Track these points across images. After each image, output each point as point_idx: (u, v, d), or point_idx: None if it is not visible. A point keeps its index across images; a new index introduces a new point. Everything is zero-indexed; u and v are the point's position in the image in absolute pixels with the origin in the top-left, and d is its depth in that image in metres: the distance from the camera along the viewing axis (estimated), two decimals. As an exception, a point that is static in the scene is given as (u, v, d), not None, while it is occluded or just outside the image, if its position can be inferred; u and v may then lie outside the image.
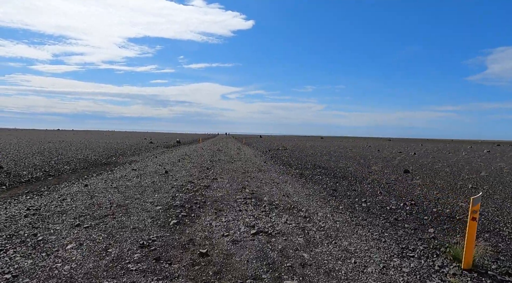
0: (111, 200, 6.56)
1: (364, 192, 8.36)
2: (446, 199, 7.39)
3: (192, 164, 14.25)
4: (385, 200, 7.31)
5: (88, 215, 5.34)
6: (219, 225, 5.03)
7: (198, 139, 56.40)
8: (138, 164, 14.20)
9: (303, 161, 17.03)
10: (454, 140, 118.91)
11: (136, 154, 20.04)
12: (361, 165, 15.26)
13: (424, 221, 5.56)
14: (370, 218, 5.62)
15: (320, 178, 10.81)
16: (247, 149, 27.72)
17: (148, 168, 12.42)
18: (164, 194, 7.23)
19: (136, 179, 9.52)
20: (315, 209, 6.18)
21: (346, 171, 12.98)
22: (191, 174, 10.79)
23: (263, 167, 13.65)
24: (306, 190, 8.42)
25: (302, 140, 62.46)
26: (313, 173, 12.31)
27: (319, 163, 15.96)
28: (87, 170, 12.01)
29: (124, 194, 7.23)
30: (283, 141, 55.08)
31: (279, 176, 11.05)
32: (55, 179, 9.71)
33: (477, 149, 35.46)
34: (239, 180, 9.82)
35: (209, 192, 7.62)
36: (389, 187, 9.11)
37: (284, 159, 18.54)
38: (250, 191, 7.88)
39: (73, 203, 6.23)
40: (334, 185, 9.49)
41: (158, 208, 5.92)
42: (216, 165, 13.87)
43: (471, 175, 11.74)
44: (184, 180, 9.40)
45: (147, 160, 16.28)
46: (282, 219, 5.44)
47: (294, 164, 15.75)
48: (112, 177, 9.98)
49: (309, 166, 14.63)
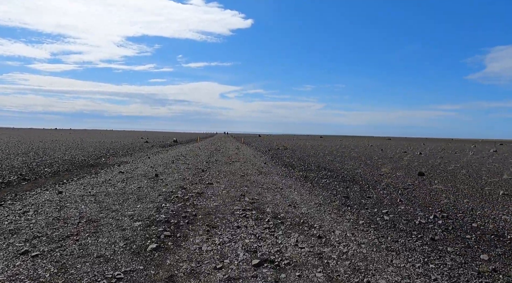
0: (83, 212, 5.43)
1: (381, 199, 7.27)
2: (481, 209, 6.29)
3: (187, 165, 13.13)
4: (409, 210, 6.22)
5: (44, 236, 4.21)
6: (211, 250, 3.92)
7: (196, 138, 55.20)
8: (128, 165, 13.06)
9: (306, 162, 15.94)
10: (455, 139, 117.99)
11: (128, 155, 18.89)
12: (369, 167, 14.17)
13: (469, 241, 4.46)
14: (402, 239, 4.50)
15: (328, 182, 9.71)
16: (246, 149, 26.59)
17: (137, 171, 11.29)
18: (148, 205, 6.11)
19: (120, 184, 8.39)
20: (330, 225, 5.07)
21: (354, 173, 11.89)
22: (184, 178, 9.67)
23: (263, 169, 12.55)
24: (315, 197, 7.31)
25: (302, 139, 61.36)
26: (319, 176, 11.21)
27: (324, 164, 14.87)
28: (69, 173, 10.87)
29: (101, 204, 6.10)
30: (283, 140, 53.97)
31: (281, 180, 9.95)
32: (29, 184, 8.57)
33: (482, 149, 34.44)
34: (238, 185, 8.71)
35: (202, 202, 6.49)
36: (408, 193, 8.01)
37: (286, 159, 17.44)
38: (250, 200, 6.76)
39: (34, 217, 5.09)
40: (345, 190, 8.40)
41: (136, 225, 4.78)
42: (213, 167, 12.75)
43: (493, 178, 10.66)
44: (175, 186, 8.28)
45: (138, 161, 15.14)
46: (291, 239, 4.33)
47: (296, 165, 14.65)
48: (94, 181, 8.85)
49: (313, 168, 13.54)
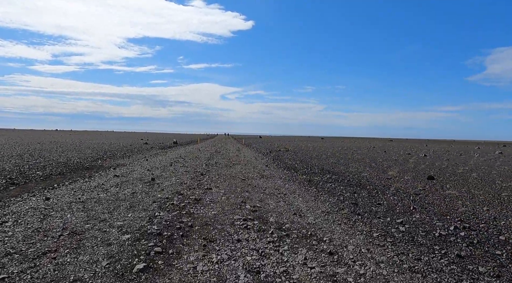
0: (67, 223, 4.92)
1: (393, 207, 6.75)
2: (505, 219, 5.75)
3: (185, 168, 12.62)
4: (425, 220, 5.70)
5: (18, 253, 3.69)
6: (208, 270, 3.40)
7: (196, 139, 54.70)
8: (124, 168, 12.56)
9: (309, 165, 15.42)
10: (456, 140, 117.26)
11: (126, 157, 18.39)
12: (374, 170, 13.64)
13: (500, 259, 3.94)
14: (424, 255, 3.97)
15: (333, 187, 9.20)
16: (247, 151, 26.09)
17: (133, 174, 10.79)
18: (140, 213, 5.60)
19: (113, 190, 7.88)
20: (341, 238, 4.55)
21: (360, 177, 11.37)
22: (182, 182, 9.16)
23: (265, 172, 12.04)
24: (321, 204, 6.79)
25: (303, 141, 60.84)
26: (323, 179, 10.69)
27: (327, 167, 14.35)
28: (62, 176, 10.37)
29: (89, 212, 5.59)
30: (284, 141, 53.45)
31: (284, 184, 9.43)
32: (17, 189, 8.07)
33: (487, 151, 33.87)
34: (238, 190, 8.19)
35: (199, 210, 5.98)
36: (421, 199, 7.49)
37: (288, 162, 16.93)
38: (252, 207, 6.25)
39: (11, 229, 4.58)
40: (353, 196, 7.88)
41: (124, 239, 4.27)
42: (212, 170, 12.24)
43: (508, 183, 10.13)
44: (172, 191, 7.77)
45: (136, 163, 14.64)
46: (298, 256, 3.82)
47: (299, 168, 14.13)
48: (87, 186, 8.35)
49: (317, 171, 13.02)
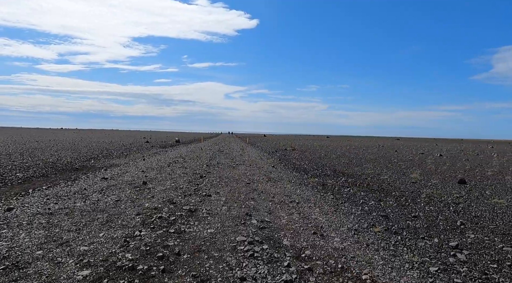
0: (13, 248, 3.70)
1: (433, 220, 5.45)
2: None
3: (184, 169, 11.41)
4: (485, 242, 4.40)
5: None
6: None
7: (199, 138, 53.58)
8: (117, 169, 11.37)
9: (319, 165, 14.13)
10: (464, 139, 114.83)
11: (123, 156, 17.24)
12: (392, 171, 12.31)
13: None
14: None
15: (352, 193, 7.91)
16: (251, 150, 24.84)
17: (124, 177, 9.59)
18: (116, 232, 4.36)
19: (95, 196, 6.68)
20: (386, 275, 3.27)
21: (379, 180, 10.06)
22: (177, 187, 7.93)
23: (272, 174, 10.77)
24: (344, 217, 5.52)
25: (308, 140, 59.42)
26: (338, 183, 9.41)
27: (340, 168, 13.04)
28: (45, 178, 9.21)
29: (51, 230, 4.37)
30: (289, 140, 52.11)
31: (295, 189, 8.17)
32: (-16, 194, 6.91)
33: (503, 150, 32.23)
34: (242, 197, 6.94)
35: (192, 226, 4.72)
36: (465, 211, 6.17)
37: (296, 162, 15.65)
38: (259, 222, 4.99)
39: None
40: (379, 205, 6.59)
41: (80, 278, 3.04)
42: (214, 172, 11.01)
43: (553, 188, 8.76)
44: (163, 199, 6.54)
45: (131, 163, 13.46)
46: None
47: (309, 169, 12.85)
48: (65, 191, 7.15)
49: (329, 173, 11.72)
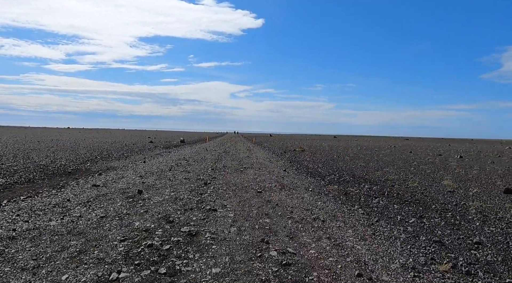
0: None
1: (505, 249, 4.22)
2: None
3: (187, 174, 10.28)
4: None
5: None
6: None
7: (204, 138, 52.57)
8: (113, 174, 10.29)
9: (335, 169, 12.89)
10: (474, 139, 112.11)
11: (123, 157, 16.20)
12: (420, 177, 11.00)
13: None
14: None
15: (383, 205, 6.68)
16: (258, 151, 23.66)
17: (119, 183, 8.48)
18: (86, 272, 3.19)
19: (77, 211, 5.56)
20: None
21: (409, 188, 8.80)
22: (177, 198, 6.79)
23: (285, 180, 9.58)
24: (390, 245, 4.29)
25: (315, 140, 58.01)
26: (362, 191, 8.18)
27: (359, 173, 11.78)
28: (30, 184, 8.14)
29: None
30: (296, 140, 50.80)
31: (315, 201, 6.96)
32: (-51, 207, 5.84)
33: (524, 151, 30.55)
34: (254, 212, 5.76)
35: (191, 262, 3.53)
36: (536, 233, 4.92)
37: (308, 165, 14.43)
38: (280, 256, 3.79)
39: None
40: (422, 223, 5.37)
41: None
42: (219, 177, 9.85)
43: None
44: (158, 215, 5.40)
45: (130, 166, 12.38)
46: None
47: (324, 173, 11.63)
48: (44, 204, 6.04)
49: (348, 178, 10.49)
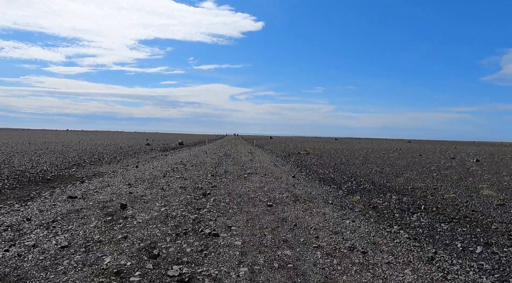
0: None
1: None
2: None
3: (183, 182, 8.91)
4: None
5: None
6: None
7: (204, 140, 51.17)
8: (97, 181, 8.91)
9: (348, 174, 11.52)
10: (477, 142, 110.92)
11: (115, 161, 14.83)
12: (447, 184, 9.65)
13: None
14: None
15: (428, 225, 5.33)
16: (261, 154, 22.29)
17: (101, 194, 7.11)
18: None
19: (33, 237, 4.19)
20: None
21: (446, 199, 7.44)
22: (168, 214, 5.42)
23: (297, 189, 8.22)
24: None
25: (317, 142, 56.63)
26: (392, 204, 6.83)
27: (378, 179, 10.42)
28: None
29: None
30: (297, 142, 49.44)
31: (342, 218, 5.60)
32: None
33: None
34: (268, 239, 4.38)
35: None
36: None
37: (318, 170, 13.06)
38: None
39: None
40: (492, 253, 4.02)
41: None
42: (221, 185, 8.49)
43: None
44: (140, 243, 4.02)
45: (120, 172, 11.01)
46: None
47: (339, 180, 10.27)
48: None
49: (368, 186, 9.13)
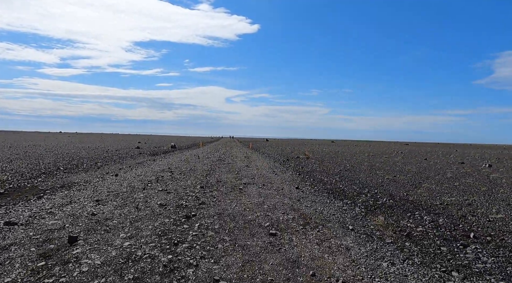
0: None
1: None
2: None
3: (166, 196, 7.31)
4: None
5: None
6: None
7: (198, 143, 49.45)
8: (60, 196, 7.25)
9: (358, 184, 10.01)
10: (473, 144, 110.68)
11: (94, 168, 13.15)
12: (479, 197, 8.16)
13: None
14: None
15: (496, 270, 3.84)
16: (257, 158, 20.73)
17: (54, 216, 5.47)
18: None
19: None
20: None
21: (493, 221, 5.96)
22: (130, 255, 3.82)
23: (304, 206, 6.66)
24: None
25: (314, 145, 55.22)
26: (427, 229, 5.33)
27: (393, 190, 8.91)
28: None
29: None
30: (295, 145, 47.99)
31: (375, 258, 4.05)
32: None
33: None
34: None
35: None
36: None
37: (322, 178, 11.54)
38: None
39: None
40: None
41: None
42: (210, 202, 6.89)
43: None
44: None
45: (94, 182, 9.36)
46: None
47: (349, 192, 8.76)
48: None
49: (386, 200, 7.62)
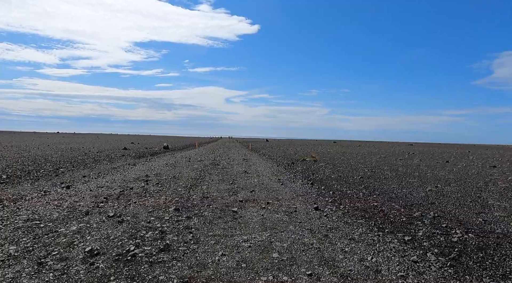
0: None
1: None
2: None
3: (111, 230, 4.50)
4: None
5: None
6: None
7: (194, 143, 46.57)
8: None
9: (398, 201, 7.20)
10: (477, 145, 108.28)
11: (50, 175, 10.34)
12: None
13: None
14: None
15: None
16: (258, 161, 17.92)
17: None
18: None
19: None
20: None
21: None
22: None
23: (341, 255, 3.87)
24: None
25: (316, 145, 52.35)
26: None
27: (455, 211, 6.13)
28: None
29: None
30: (297, 146, 45.18)
31: None
32: None
33: None
34: None
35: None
36: None
37: (343, 189, 8.72)
38: None
39: None
40: None
41: None
42: (181, 243, 4.08)
43: None
44: None
45: (21, 201, 6.55)
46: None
47: (394, 216, 5.96)
48: None
49: (461, 234, 4.84)
